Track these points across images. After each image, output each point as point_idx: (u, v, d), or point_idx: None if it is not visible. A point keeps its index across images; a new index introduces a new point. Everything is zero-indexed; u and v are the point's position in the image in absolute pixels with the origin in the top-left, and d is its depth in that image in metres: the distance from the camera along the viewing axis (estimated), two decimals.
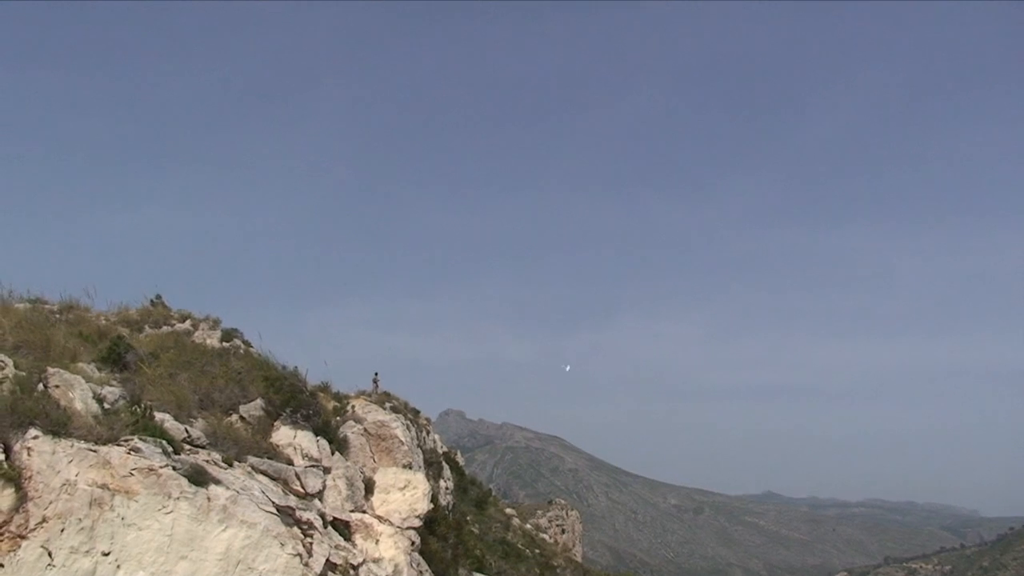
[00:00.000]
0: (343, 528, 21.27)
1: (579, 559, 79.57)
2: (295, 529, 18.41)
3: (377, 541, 22.15)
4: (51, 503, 15.03)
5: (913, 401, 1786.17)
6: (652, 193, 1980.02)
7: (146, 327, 28.11)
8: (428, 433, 36.12)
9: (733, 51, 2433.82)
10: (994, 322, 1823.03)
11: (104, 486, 15.56)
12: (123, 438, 16.90)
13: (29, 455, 15.58)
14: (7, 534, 14.84)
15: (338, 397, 28.67)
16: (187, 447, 18.56)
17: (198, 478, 16.86)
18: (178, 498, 16.19)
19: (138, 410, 18.46)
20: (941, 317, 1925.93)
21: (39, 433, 15.78)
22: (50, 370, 18.67)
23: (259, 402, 23.36)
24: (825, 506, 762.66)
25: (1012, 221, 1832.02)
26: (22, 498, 15.13)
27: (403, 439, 26.48)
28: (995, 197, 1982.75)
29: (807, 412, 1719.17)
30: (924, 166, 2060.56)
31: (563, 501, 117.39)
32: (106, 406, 18.61)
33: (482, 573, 30.99)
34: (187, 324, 29.48)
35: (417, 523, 23.84)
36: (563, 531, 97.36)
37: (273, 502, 18.22)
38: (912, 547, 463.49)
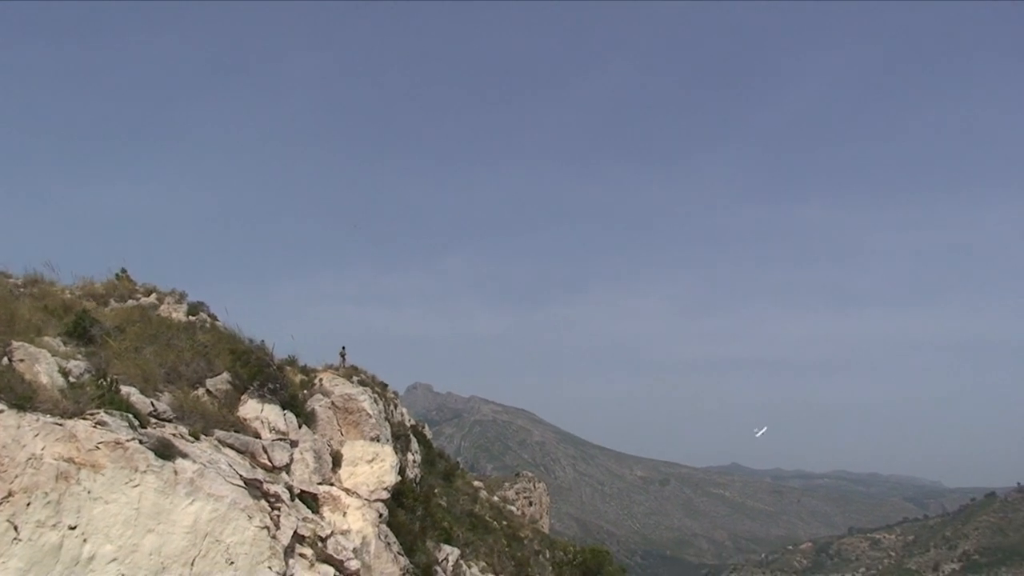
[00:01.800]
0: (311, 501, 21.36)
1: (546, 531, 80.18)
2: (262, 502, 18.47)
3: (345, 513, 22.27)
4: (17, 477, 14.96)
5: (878, 374, 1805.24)
6: (623, 167, 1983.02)
7: (111, 301, 27.92)
8: (396, 406, 36.16)
9: (704, 25, 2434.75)
10: (957, 296, 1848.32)
11: (70, 460, 15.51)
12: (89, 412, 16.82)
13: None
14: None
15: (305, 371, 28.67)
16: (153, 421, 18.51)
17: (165, 452, 16.84)
18: (145, 471, 16.17)
19: (104, 384, 18.37)
20: (907, 291, 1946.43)
21: (4, 407, 15.66)
22: (15, 344, 18.54)
23: (225, 376, 23.33)
24: (790, 477, 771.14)
25: (976, 196, 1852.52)
26: None
27: (371, 412, 26.56)
28: (962, 172, 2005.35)
29: (773, 385, 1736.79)
30: (893, 140, 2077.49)
31: (530, 474, 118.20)
32: (72, 380, 18.51)
33: (450, 544, 31.16)
34: (152, 298, 29.32)
35: (385, 495, 23.96)
36: (530, 503, 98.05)
37: (240, 475, 18.25)
38: (876, 518, 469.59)
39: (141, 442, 16.55)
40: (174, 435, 18.05)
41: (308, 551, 18.92)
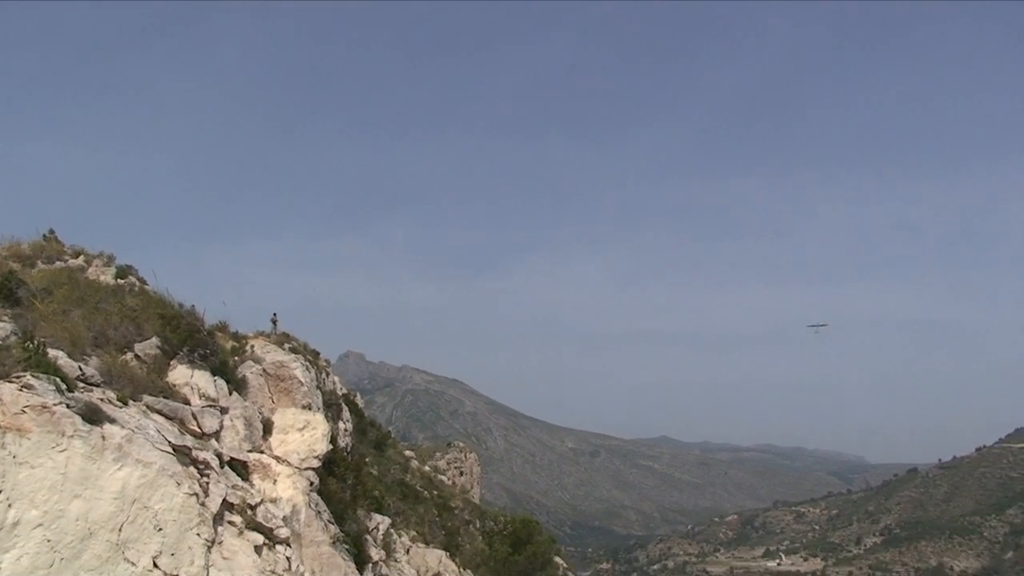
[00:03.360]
0: (241, 468, 21.23)
1: (477, 501, 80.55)
2: (191, 469, 18.32)
3: (275, 481, 22.17)
4: None
5: (806, 350, 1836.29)
6: (560, 138, 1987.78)
7: (38, 263, 27.35)
8: (328, 375, 36.03)
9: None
10: (886, 273, 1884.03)
11: None
12: (15, 375, 16.51)
13: None
14: None
15: (236, 337, 28.37)
16: (81, 385, 18.22)
17: (92, 416, 16.61)
18: (72, 436, 15.95)
19: (31, 346, 18.01)
20: (834, 267, 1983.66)
21: None
22: None
23: (155, 340, 23.01)
24: (718, 450, 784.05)
25: (911, 176, 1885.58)
26: None
27: (302, 380, 26.42)
28: (896, 151, 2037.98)
29: (703, 358, 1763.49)
30: (825, 117, 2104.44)
31: (462, 444, 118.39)
32: None
33: (381, 514, 31.24)
34: (80, 260, 28.76)
35: (316, 464, 23.89)
36: (461, 473, 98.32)
37: (169, 441, 18.09)
38: (801, 491, 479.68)
39: (68, 406, 16.30)
40: (102, 400, 17.81)
41: (237, 519, 18.84)
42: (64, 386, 17.08)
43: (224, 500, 18.60)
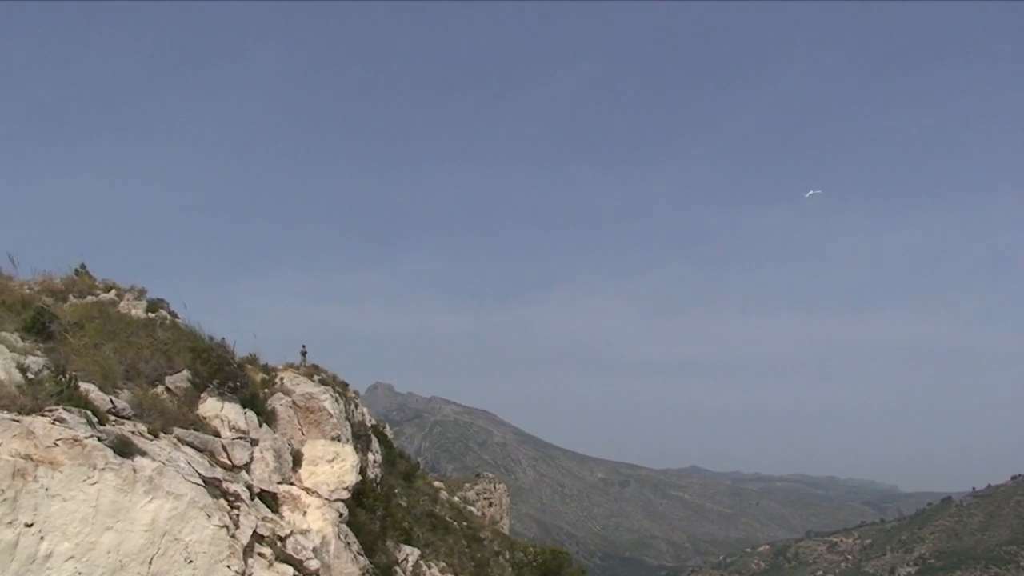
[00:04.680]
0: (270, 500, 21.27)
1: (506, 531, 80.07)
2: (222, 501, 18.37)
3: (305, 513, 22.19)
4: None
5: (836, 378, 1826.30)
6: (586, 168, 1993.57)
7: (70, 297, 27.61)
8: (357, 406, 36.07)
9: (672, 28, 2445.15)
10: (916, 300, 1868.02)
11: (27, 456, 15.36)
12: (47, 408, 16.65)
13: None
14: None
15: (266, 369, 28.51)
16: (112, 418, 18.35)
17: (123, 449, 16.70)
18: (103, 469, 16.04)
19: (63, 380, 18.17)
20: (866, 294, 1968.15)
21: None
22: None
23: (185, 373, 23.16)
24: (748, 480, 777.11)
25: (937, 202, 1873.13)
26: None
27: (331, 411, 26.50)
28: (923, 178, 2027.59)
29: (733, 387, 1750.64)
30: (854, 145, 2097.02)
31: (491, 475, 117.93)
32: (30, 376, 18.30)
33: (410, 545, 31.15)
34: (112, 294, 29.02)
35: (345, 495, 23.90)
36: (491, 504, 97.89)
37: (199, 473, 18.15)
38: (834, 521, 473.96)
39: (100, 439, 16.41)
40: (133, 433, 17.92)
41: (267, 550, 18.85)
42: (95, 419, 17.20)
43: (254, 532, 18.61)
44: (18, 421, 15.83)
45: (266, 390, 26.23)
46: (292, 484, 22.97)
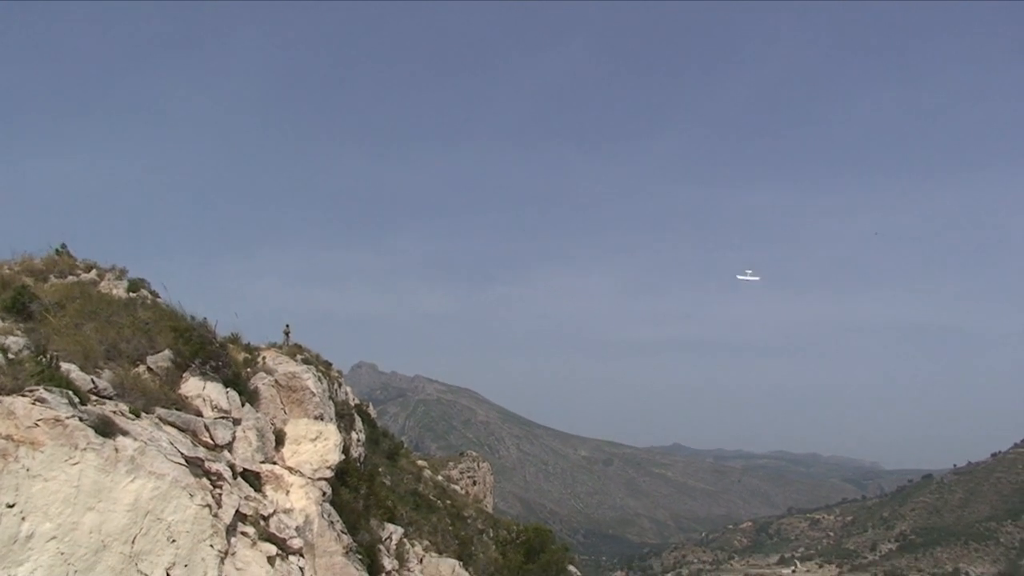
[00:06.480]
0: (253, 479, 21.27)
1: (490, 510, 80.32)
2: (204, 480, 18.37)
3: (288, 492, 22.20)
4: None
5: (818, 356, 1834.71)
6: (568, 149, 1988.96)
7: (51, 277, 27.43)
8: (340, 385, 36.08)
9: (652, 10, 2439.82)
10: (896, 279, 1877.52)
11: (8, 437, 15.31)
12: (28, 388, 16.59)
13: None
14: None
15: (248, 349, 28.41)
16: (94, 398, 18.29)
17: (105, 429, 16.67)
18: (85, 449, 16.01)
19: (43, 360, 18.10)
20: (846, 274, 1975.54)
21: None
22: None
23: (167, 353, 23.06)
24: (731, 458, 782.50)
25: (916, 181, 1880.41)
26: None
27: (314, 391, 26.45)
28: (907, 159, 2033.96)
29: (715, 366, 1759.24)
30: (837, 125, 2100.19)
31: (474, 453, 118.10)
32: (10, 356, 18.22)
33: (394, 523, 31.22)
34: (93, 274, 28.84)
35: (328, 474, 23.91)
36: (474, 482, 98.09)
37: (182, 453, 18.14)
38: (815, 498, 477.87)
39: (81, 419, 16.37)
40: (115, 412, 17.87)
41: (250, 529, 18.88)
42: (77, 399, 17.16)
43: (237, 511, 18.63)
44: None
45: (248, 369, 26.13)
46: (275, 463, 22.95)
